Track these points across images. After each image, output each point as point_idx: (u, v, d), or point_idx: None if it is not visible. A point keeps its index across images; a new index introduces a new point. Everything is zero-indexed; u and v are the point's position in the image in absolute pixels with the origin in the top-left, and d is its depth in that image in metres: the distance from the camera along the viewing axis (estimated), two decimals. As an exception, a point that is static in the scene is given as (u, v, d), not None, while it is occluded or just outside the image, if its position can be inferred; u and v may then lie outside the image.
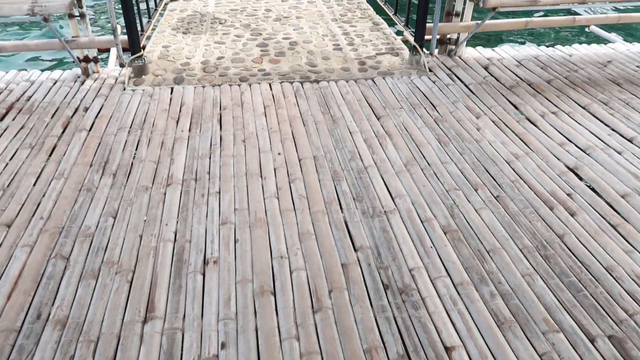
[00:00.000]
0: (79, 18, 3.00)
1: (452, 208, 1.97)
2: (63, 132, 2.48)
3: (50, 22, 2.79)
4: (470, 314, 1.53)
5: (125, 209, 1.95)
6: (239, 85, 2.94)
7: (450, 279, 1.65)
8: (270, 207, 1.96)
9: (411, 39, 3.25)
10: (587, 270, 1.69)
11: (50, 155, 2.29)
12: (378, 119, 2.60)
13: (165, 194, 2.03)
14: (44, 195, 2.01)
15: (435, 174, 2.17)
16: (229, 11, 4.29)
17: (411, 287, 1.62)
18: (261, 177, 2.14)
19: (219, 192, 2.04)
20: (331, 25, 3.97)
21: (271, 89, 2.89)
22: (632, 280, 1.65)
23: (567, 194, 2.06)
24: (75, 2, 2.89)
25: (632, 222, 1.91)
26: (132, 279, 1.64)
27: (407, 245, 1.78)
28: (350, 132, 2.47)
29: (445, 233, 1.84)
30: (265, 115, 2.61)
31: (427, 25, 3.17)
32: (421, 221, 1.90)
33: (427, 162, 2.26)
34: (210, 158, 2.26)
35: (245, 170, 2.18)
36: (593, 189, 2.10)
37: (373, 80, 3.03)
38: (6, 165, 2.21)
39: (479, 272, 1.68)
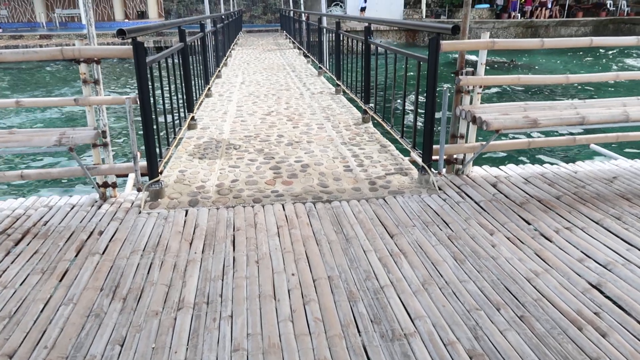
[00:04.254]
0: (102, 147, 3.17)
1: (476, 330, 1.88)
2: (76, 256, 2.48)
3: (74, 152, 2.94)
4: None
5: (133, 335, 1.87)
6: (253, 206, 3.00)
7: (482, 411, 1.51)
8: (285, 332, 1.87)
9: (419, 160, 3.36)
10: (630, 398, 1.55)
11: (60, 280, 2.26)
12: (391, 237, 2.59)
13: (175, 318, 1.96)
14: (50, 322, 1.95)
15: (454, 293, 2.10)
16: (243, 137, 4.52)
17: (439, 421, 1.48)
18: (275, 299, 2.08)
19: (231, 316, 1.97)
20: (341, 148, 4.15)
21: (284, 210, 2.94)
22: (683, 410, 1.50)
23: (595, 313, 1.96)
24: (101, 132, 3.08)
25: (669, 342, 1.79)
26: (136, 415, 1.51)
27: (432, 373, 1.66)
28: (364, 251, 2.45)
29: (471, 358, 1.73)
30: (279, 236, 2.61)
31: (434, 147, 3.30)
32: (444, 344, 1.80)
33: (444, 280, 2.20)
34: (222, 280, 2.22)
35: (259, 292, 2.12)
36: (621, 307, 2.01)
37: (384, 199, 3.08)
38: (15, 292, 2.17)
39: (513, 402, 1.54)
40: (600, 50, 19.06)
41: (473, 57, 3.77)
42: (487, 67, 3.62)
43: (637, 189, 3.20)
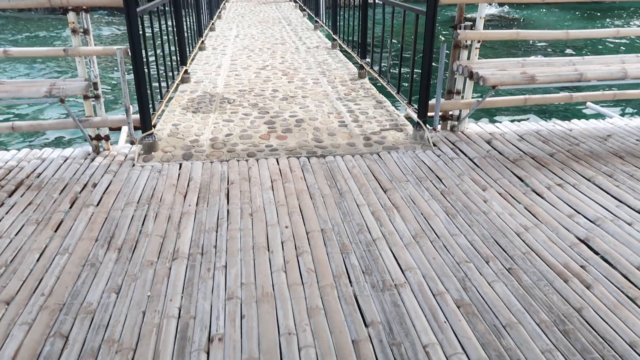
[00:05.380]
0: (94, 99, 3.13)
1: (464, 281, 1.92)
2: (70, 207, 2.49)
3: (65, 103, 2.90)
4: (490, 394, 1.44)
5: (129, 284, 1.91)
6: (247, 160, 2.99)
7: (467, 356, 1.57)
8: (278, 282, 1.91)
9: (414, 116, 3.34)
10: (609, 346, 1.61)
11: (55, 231, 2.28)
12: (385, 192, 2.61)
13: (170, 268, 2.00)
14: (46, 271, 1.98)
15: (445, 246, 2.14)
16: (238, 91, 4.46)
17: (426, 365, 1.53)
18: (268, 250, 2.11)
19: (225, 267, 2.00)
20: (336, 103, 4.11)
21: (278, 164, 2.94)
22: (660, 356, 1.56)
23: (581, 266, 2.01)
24: (92, 84, 3.03)
25: (651, 294, 1.85)
26: (133, 359, 1.56)
27: (420, 320, 1.71)
28: (357, 205, 2.47)
29: (458, 307, 1.78)
30: (273, 189, 2.63)
31: (430, 102, 3.28)
32: (433, 295, 1.84)
33: (436, 234, 2.23)
34: (217, 232, 2.25)
35: (252, 244, 2.15)
36: (607, 261, 2.05)
37: (378, 155, 3.08)
38: (10, 241, 2.19)
39: (497, 348, 1.60)
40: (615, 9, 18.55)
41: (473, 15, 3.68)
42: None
43: (630, 147, 3.22)
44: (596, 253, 2.11)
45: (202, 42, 6.45)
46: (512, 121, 3.81)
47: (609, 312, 1.76)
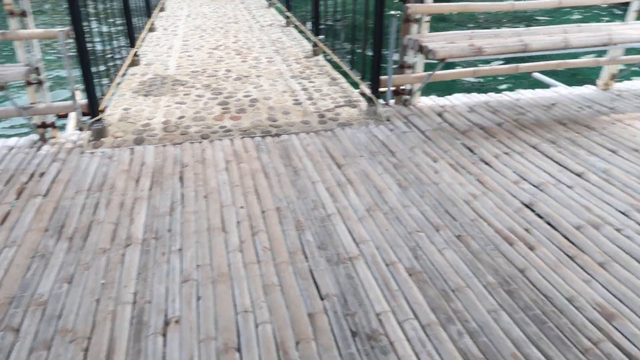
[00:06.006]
0: (37, 85, 3.01)
1: (416, 250, 1.99)
2: (17, 199, 2.41)
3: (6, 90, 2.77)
4: (439, 354, 1.51)
5: (81, 273, 1.88)
6: (200, 142, 2.96)
7: (418, 320, 1.64)
8: (234, 261, 1.92)
9: (367, 91, 3.37)
10: (550, 302, 1.71)
11: (2, 223, 2.21)
12: (339, 168, 2.64)
13: (124, 255, 1.98)
14: (-5, 265, 1.93)
15: (398, 218, 2.20)
16: (190, 73, 4.37)
17: (379, 332, 1.59)
18: (224, 231, 2.11)
19: (181, 250, 2.00)
20: (290, 82, 4.09)
21: (232, 145, 2.92)
22: (593, 309, 1.68)
23: (525, 229, 2.11)
24: (34, 69, 2.90)
25: (588, 252, 1.96)
26: (88, 347, 1.55)
27: (373, 290, 1.77)
28: (312, 182, 2.50)
29: (410, 275, 1.85)
30: (227, 170, 2.62)
31: (382, 77, 3.31)
32: (386, 265, 1.90)
33: (388, 206, 2.29)
34: (171, 215, 2.23)
35: (208, 225, 2.15)
36: (549, 223, 2.16)
37: (333, 132, 3.11)
38: (-45, 236, 2.11)
39: (446, 311, 1.67)
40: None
41: None
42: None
43: (573, 115, 3.35)
44: (540, 216, 2.22)
45: (152, 22, 6.25)
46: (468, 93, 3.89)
47: (550, 271, 1.86)
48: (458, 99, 3.69)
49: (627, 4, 3.71)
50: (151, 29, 6.16)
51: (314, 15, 4.81)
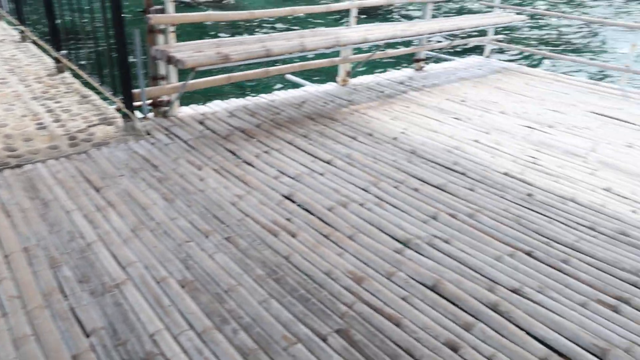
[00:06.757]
0: None
1: (187, 260, 1.98)
2: None
3: None
4: (217, 357, 1.54)
5: None
6: None
7: (194, 330, 1.64)
8: (-29, 322, 1.63)
9: (123, 107, 3.20)
10: (311, 280, 1.90)
11: None
12: (97, 191, 2.46)
13: None
14: None
15: (166, 232, 2.16)
16: None
17: (154, 353, 1.55)
18: (-47, 290, 1.77)
19: None
20: (31, 104, 3.62)
21: (-42, 186, 2.46)
22: (347, 276, 1.92)
23: (287, 219, 2.29)
24: None
25: (339, 229, 2.24)
26: None
27: (145, 312, 1.71)
28: (66, 212, 2.27)
29: (182, 287, 1.83)
30: (-47, 217, 2.19)
31: (135, 91, 3.18)
32: (156, 282, 1.85)
33: (155, 222, 2.22)
34: None
35: None
36: (307, 209, 2.39)
37: (87, 153, 2.87)
38: None
39: (220, 313, 1.71)
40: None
41: None
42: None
43: (319, 109, 3.76)
44: (298, 205, 2.43)
45: None
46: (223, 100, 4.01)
47: (310, 252, 2.07)
48: (218, 105, 3.78)
49: (348, 10, 4.32)
50: None
51: (51, 28, 4.33)
